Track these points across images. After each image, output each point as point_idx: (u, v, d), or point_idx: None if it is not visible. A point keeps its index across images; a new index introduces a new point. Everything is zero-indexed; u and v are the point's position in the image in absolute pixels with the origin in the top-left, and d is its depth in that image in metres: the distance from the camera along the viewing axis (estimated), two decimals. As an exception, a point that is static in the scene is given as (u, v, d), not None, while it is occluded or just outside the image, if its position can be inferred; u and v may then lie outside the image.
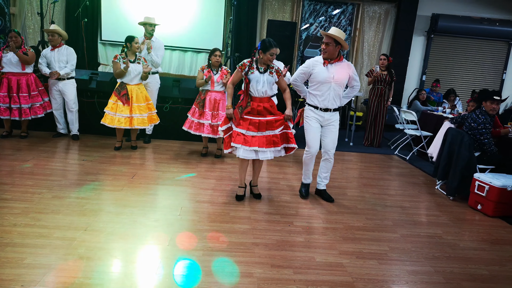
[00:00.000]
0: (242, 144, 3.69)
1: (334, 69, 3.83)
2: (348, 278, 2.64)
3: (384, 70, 6.92)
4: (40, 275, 2.37)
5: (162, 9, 8.20)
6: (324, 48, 3.79)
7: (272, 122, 3.77)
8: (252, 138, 3.71)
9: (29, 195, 3.60)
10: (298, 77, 4.01)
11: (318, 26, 9.17)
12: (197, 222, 3.32)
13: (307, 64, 3.92)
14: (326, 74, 3.82)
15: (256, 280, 2.53)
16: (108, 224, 3.15)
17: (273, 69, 3.81)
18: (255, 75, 3.75)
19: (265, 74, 3.77)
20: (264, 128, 3.74)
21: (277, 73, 3.82)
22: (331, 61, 3.83)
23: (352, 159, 6.13)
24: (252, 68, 3.77)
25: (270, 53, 3.69)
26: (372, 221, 3.68)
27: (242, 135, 3.71)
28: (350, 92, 4.07)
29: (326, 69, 3.83)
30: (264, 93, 3.80)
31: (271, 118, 3.78)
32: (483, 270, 2.92)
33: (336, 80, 3.83)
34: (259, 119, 3.75)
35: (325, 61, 3.83)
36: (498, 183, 3.97)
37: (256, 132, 3.72)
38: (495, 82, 9.74)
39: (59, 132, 6.01)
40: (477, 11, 9.26)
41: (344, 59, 3.92)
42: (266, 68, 3.79)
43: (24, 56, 5.43)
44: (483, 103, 4.52)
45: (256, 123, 3.73)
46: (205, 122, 5.27)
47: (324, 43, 3.77)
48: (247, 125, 3.73)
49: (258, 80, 3.74)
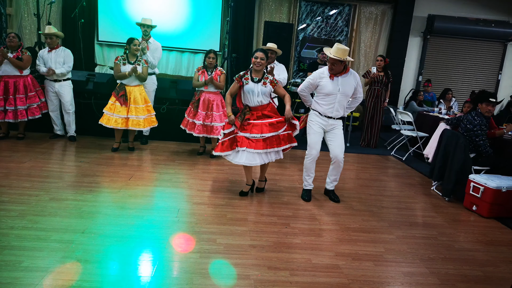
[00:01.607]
0: (247, 147, 3.81)
1: (340, 82, 3.89)
2: (344, 280, 2.67)
3: (381, 71, 6.96)
4: (38, 278, 2.38)
5: (159, 10, 8.19)
6: (331, 67, 3.84)
7: (274, 124, 3.88)
8: (256, 142, 3.82)
9: (26, 197, 3.60)
10: (306, 88, 4.09)
11: (315, 27, 9.19)
12: (194, 224, 3.34)
13: (314, 76, 3.98)
14: (332, 87, 3.89)
15: (253, 282, 2.54)
16: (105, 226, 3.16)
17: (268, 79, 3.91)
18: (249, 86, 3.88)
19: (259, 84, 3.88)
20: (268, 130, 3.84)
21: (271, 83, 3.93)
22: (338, 74, 3.88)
23: (349, 160, 6.15)
24: (247, 79, 3.88)
25: (255, 56, 3.84)
26: (368, 223, 3.71)
27: (246, 139, 3.83)
28: (352, 103, 4.15)
29: (333, 82, 3.89)
30: (260, 102, 3.93)
31: (272, 120, 3.89)
32: (478, 271, 2.95)
33: (342, 92, 3.90)
34: (261, 122, 3.86)
35: (332, 75, 3.88)
36: (493, 184, 4.01)
37: (260, 135, 3.82)
38: (491, 82, 9.79)
39: (56, 134, 6.00)
40: (473, 12, 9.31)
41: (350, 69, 3.97)
42: (260, 78, 3.88)
43: (17, 62, 5.39)
44: (479, 105, 4.56)
45: (258, 126, 3.84)
46: (197, 122, 5.32)
47: (330, 63, 3.82)
48: (251, 128, 3.84)
49: (253, 90, 3.87)
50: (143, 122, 5.39)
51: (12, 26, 8.03)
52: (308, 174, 4.16)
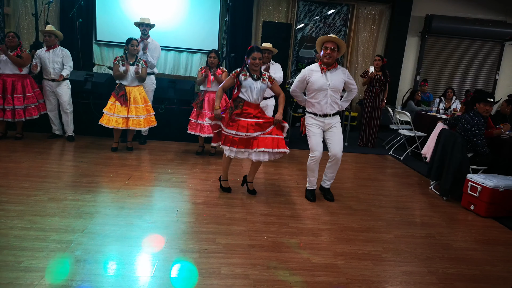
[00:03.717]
0: (231, 146, 3.82)
1: (330, 76, 3.89)
2: (343, 279, 2.68)
3: (379, 71, 6.98)
4: (37, 278, 2.38)
5: (157, 9, 8.18)
6: (329, 53, 3.82)
7: (261, 124, 3.85)
8: (240, 139, 3.80)
9: (25, 197, 3.60)
10: (296, 87, 4.08)
11: (313, 26, 9.20)
12: (193, 224, 3.34)
13: (303, 74, 3.98)
14: (322, 81, 3.89)
15: (252, 281, 2.55)
16: (104, 226, 3.16)
17: (266, 76, 3.92)
18: (248, 81, 3.85)
19: (258, 82, 3.88)
20: (253, 130, 3.81)
21: (269, 79, 3.95)
22: (329, 67, 3.88)
23: (347, 160, 6.17)
24: (245, 75, 3.85)
25: (253, 57, 3.80)
26: (367, 222, 3.72)
27: (231, 137, 3.82)
28: (348, 95, 4.15)
29: (323, 76, 3.89)
30: (258, 99, 3.92)
31: (259, 120, 3.86)
32: (475, 270, 2.97)
33: (332, 87, 3.90)
34: (248, 120, 3.83)
35: (324, 68, 3.88)
36: (490, 184, 4.03)
37: (245, 133, 3.79)
38: (488, 82, 9.83)
39: (54, 133, 6.00)
40: (471, 12, 9.34)
41: (338, 65, 3.98)
42: (259, 75, 3.87)
43: (17, 59, 5.39)
44: (477, 104, 4.57)
45: (244, 125, 3.81)
46: (205, 123, 5.31)
47: (330, 48, 3.81)
48: (237, 126, 3.82)
49: (252, 87, 3.85)
50: (143, 122, 5.40)
51: (10, 26, 8.00)
52: (313, 175, 4.17)
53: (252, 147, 3.80)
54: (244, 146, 3.81)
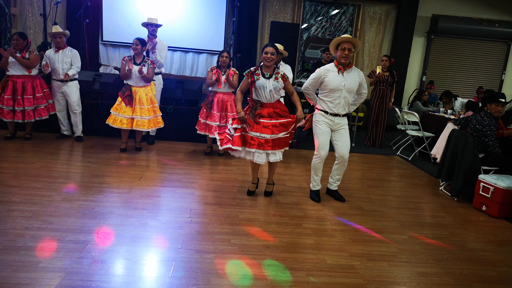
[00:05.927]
0: (257, 148, 3.78)
1: (346, 77, 3.88)
2: (360, 280, 2.67)
3: (386, 71, 6.97)
4: (56, 278, 2.38)
5: (164, 9, 8.19)
6: (347, 54, 3.80)
7: (285, 124, 3.86)
8: (266, 142, 3.78)
9: (38, 198, 3.60)
10: (310, 85, 4.05)
11: (319, 27, 9.19)
12: (207, 225, 3.34)
13: (318, 73, 3.95)
14: (338, 82, 3.87)
15: (270, 282, 2.55)
16: (119, 226, 3.16)
17: (279, 75, 3.88)
18: (260, 81, 3.83)
19: (271, 80, 3.84)
20: (278, 131, 3.81)
21: (282, 78, 3.90)
22: (346, 67, 3.88)
23: (354, 160, 6.16)
24: (258, 74, 3.83)
25: (265, 51, 3.79)
26: (380, 223, 3.71)
27: (256, 139, 3.78)
28: (357, 100, 4.13)
29: (340, 76, 3.87)
30: (272, 98, 3.89)
31: (283, 120, 3.86)
32: (492, 271, 2.96)
33: (347, 88, 3.89)
34: (272, 121, 3.81)
35: (341, 68, 3.87)
36: (503, 185, 4.02)
37: (270, 135, 3.78)
38: (495, 82, 9.81)
39: (63, 134, 6.00)
40: (477, 12, 9.33)
41: (353, 65, 3.97)
42: (271, 73, 3.85)
43: (24, 61, 5.37)
44: (488, 105, 4.56)
45: (269, 126, 3.79)
46: (213, 124, 5.31)
47: (347, 49, 3.79)
48: (261, 128, 3.79)
49: (264, 86, 3.82)
50: (147, 123, 5.37)
51: (17, 26, 8.01)
52: (317, 174, 4.15)
53: (276, 148, 3.83)
54: (271, 148, 3.80)
